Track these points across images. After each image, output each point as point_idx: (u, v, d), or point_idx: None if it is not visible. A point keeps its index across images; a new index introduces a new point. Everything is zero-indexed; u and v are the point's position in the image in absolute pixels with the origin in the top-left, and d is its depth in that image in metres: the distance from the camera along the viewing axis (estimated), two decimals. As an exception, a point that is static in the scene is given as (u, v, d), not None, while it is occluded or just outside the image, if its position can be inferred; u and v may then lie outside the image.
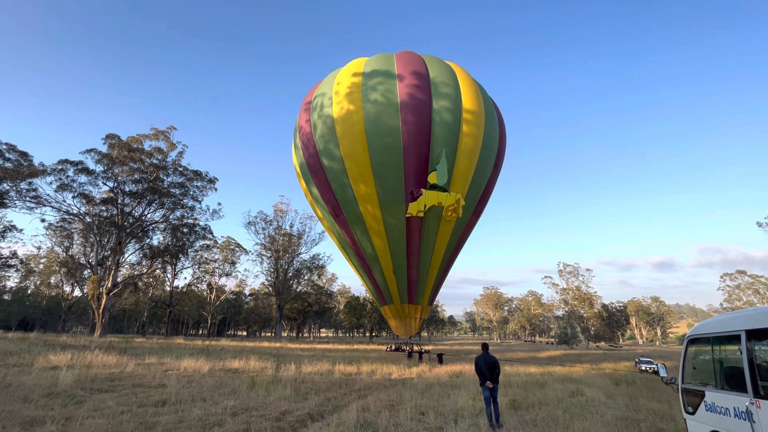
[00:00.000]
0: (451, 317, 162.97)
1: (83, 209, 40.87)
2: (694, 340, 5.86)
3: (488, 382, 8.59)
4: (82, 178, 39.51)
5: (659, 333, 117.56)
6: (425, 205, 16.20)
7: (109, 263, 40.86)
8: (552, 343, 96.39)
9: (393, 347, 43.01)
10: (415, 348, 34.95)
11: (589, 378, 20.70)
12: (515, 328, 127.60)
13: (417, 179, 17.11)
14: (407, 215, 17.02)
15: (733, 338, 4.85)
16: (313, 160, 19.66)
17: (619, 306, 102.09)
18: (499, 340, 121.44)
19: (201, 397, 10.04)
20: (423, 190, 16.37)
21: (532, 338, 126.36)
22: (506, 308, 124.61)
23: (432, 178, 16.44)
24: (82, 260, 55.43)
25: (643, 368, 27.37)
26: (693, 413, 5.43)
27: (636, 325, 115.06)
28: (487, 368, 8.72)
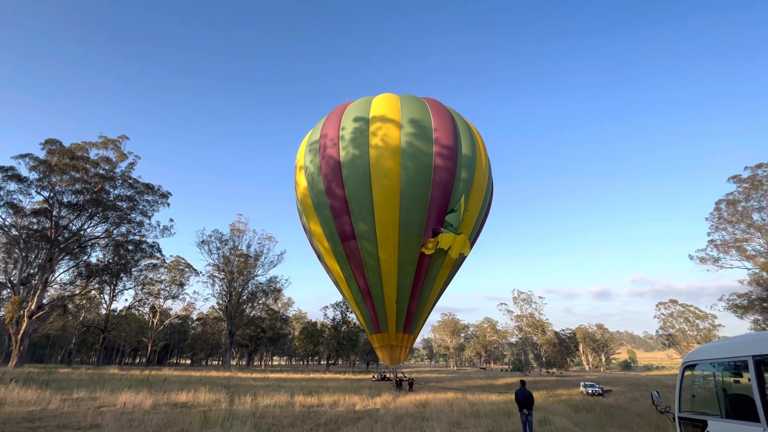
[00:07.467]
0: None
1: (9, 220, 36.49)
2: (691, 366, 5.62)
3: (524, 409, 11.31)
4: (12, 186, 35.55)
5: (603, 359, 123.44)
6: (437, 242, 18.40)
7: (36, 282, 36.34)
8: (506, 370, 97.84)
9: (377, 377, 42.66)
10: (399, 376, 35.52)
11: (549, 405, 20.92)
12: (471, 355, 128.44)
13: (438, 221, 19.35)
14: (422, 250, 19.13)
15: (739, 364, 4.70)
16: (329, 195, 20.21)
17: (569, 333, 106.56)
18: (455, 367, 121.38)
19: (144, 439, 8.71)
20: (442, 228, 18.76)
21: (486, 365, 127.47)
22: (462, 335, 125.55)
23: (450, 218, 19.07)
24: (2, 278, 48.87)
25: (589, 392, 28.98)
26: None
27: (583, 351, 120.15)
28: (524, 399, 11.47)
